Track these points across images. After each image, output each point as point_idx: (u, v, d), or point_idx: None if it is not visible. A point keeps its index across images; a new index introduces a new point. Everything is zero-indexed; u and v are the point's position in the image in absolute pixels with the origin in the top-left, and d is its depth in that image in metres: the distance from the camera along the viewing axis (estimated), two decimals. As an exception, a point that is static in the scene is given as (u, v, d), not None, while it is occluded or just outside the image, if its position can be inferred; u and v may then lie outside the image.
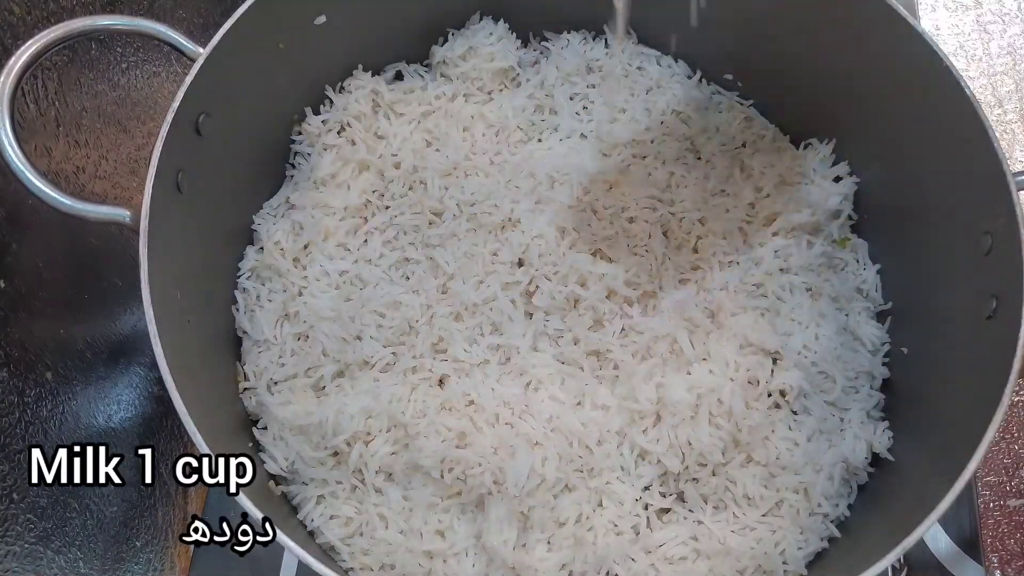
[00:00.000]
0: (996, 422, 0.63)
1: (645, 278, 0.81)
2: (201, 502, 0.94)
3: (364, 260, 0.86)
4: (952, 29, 1.21)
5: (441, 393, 0.78)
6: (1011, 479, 0.93)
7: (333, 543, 0.76)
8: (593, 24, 0.98)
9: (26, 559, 0.67)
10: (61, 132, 0.75)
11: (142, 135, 0.89)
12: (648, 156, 0.91)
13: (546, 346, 0.81)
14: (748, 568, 0.74)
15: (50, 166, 0.73)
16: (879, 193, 0.89)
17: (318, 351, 0.81)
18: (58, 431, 0.72)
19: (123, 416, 0.83)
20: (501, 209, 0.84)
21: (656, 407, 0.77)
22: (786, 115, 0.95)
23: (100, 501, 0.78)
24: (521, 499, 0.73)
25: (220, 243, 0.85)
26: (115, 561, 0.80)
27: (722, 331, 0.81)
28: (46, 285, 0.72)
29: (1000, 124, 1.14)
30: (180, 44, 0.73)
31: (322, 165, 0.89)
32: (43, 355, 0.71)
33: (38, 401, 0.69)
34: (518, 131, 0.92)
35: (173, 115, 0.71)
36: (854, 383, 0.83)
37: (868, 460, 0.80)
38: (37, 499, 0.69)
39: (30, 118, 0.71)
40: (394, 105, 0.93)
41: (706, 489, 0.77)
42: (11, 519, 0.65)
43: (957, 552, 0.89)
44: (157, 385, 0.89)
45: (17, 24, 0.68)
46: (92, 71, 0.80)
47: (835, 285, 0.87)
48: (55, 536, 0.71)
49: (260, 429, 0.81)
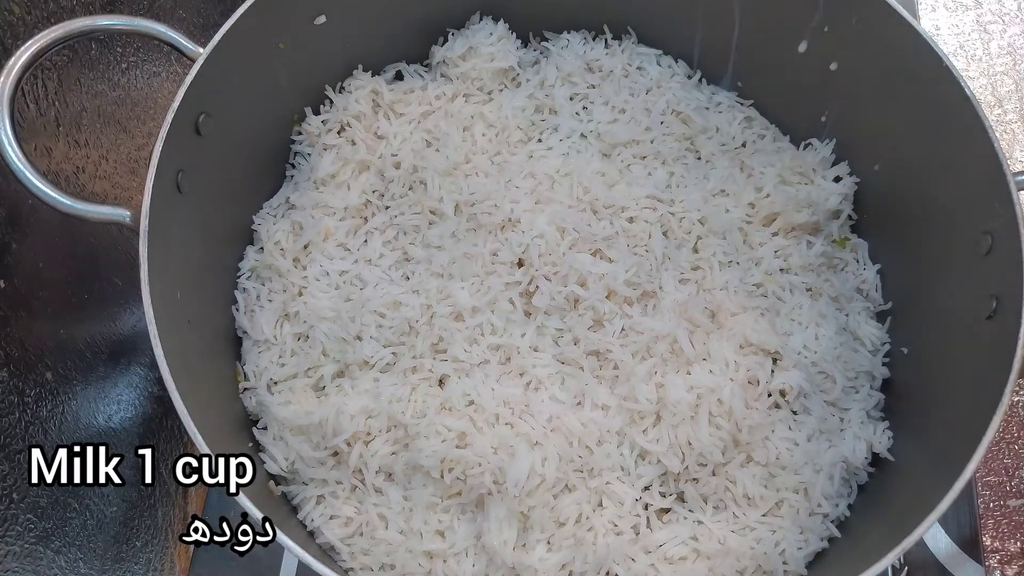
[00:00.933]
0: (996, 422, 0.63)
1: (645, 278, 0.81)
2: (201, 502, 0.94)
3: (364, 260, 0.86)
4: (952, 29, 1.21)
5: (441, 393, 0.78)
6: (1011, 479, 0.93)
7: (333, 543, 0.76)
8: (593, 24, 0.98)
9: (26, 559, 0.67)
10: (61, 132, 0.75)
11: (142, 135, 0.90)
12: (648, 156, 0.91)
13: (546, 346, 0.81)
14: (748, 568, 0.74)
15: (50, 166, 0.73)
16: (879, 193, 0.89)
17: (318, 351, 0.81)
18: (58, 431, 0.72)
19: (123, 416, 0.83)
20: (501, 209, 0.84)
21: (656, 407, 0.77)
22: (786, 115, 0.95)
23: (100, 501, 0.78)
24: (521, 499, 0.73)
25: (220, 243, 0.85)
26: (115, 561, 0.80)
27: (722, 331, 0.81)
28: (46, 285, 0.72)
29: (1000, 124, 1.14)
30: (180, 44, 0.73)
31: (322, 165, 0.89)
32: (43, 355, 0.71)
33: (38, 401, 0.69)
34: (518, 131, 0.92)
35: (173, 115, 0.71)
36: (854, 383, 0.83)
37: (868, 460, 0.80)
38: (37, 499, 0.69)
39: (30, 118, 0.71)
40: (394, 105, 0.93)
41: (706, 489, 0.77)
42: (11, 519, 0.65)
43: (957, 552, 0.89)
44: (157, 385, 0.89)
45: (17, 24, 0.68)
46: (92, 71, 0.80)
47: (835, 285, 0.87)
48: (55, 536, 0.71)
49: (260, 429, 0.81)
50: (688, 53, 0.97)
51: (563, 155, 0.90)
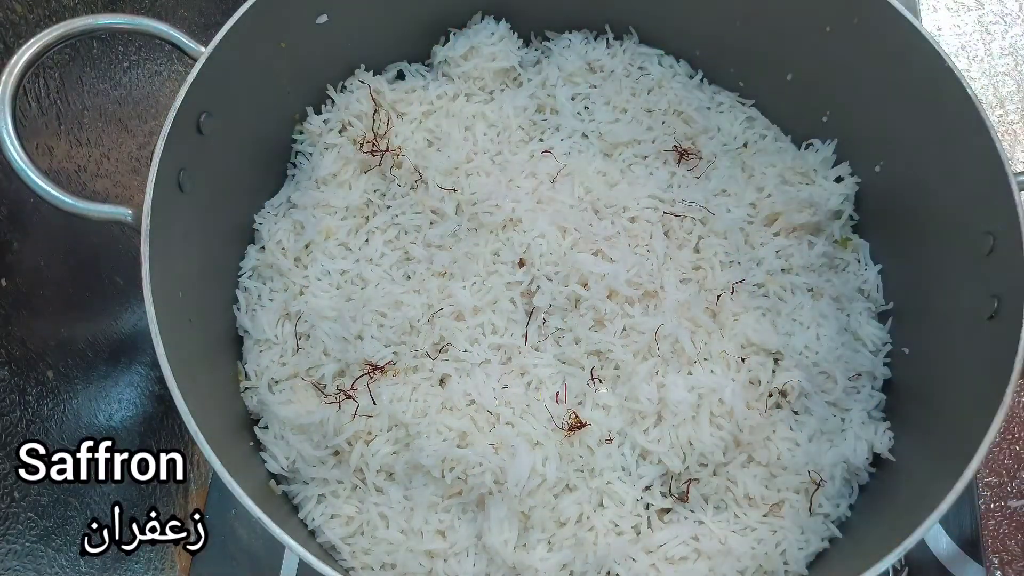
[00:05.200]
0: (997, 423, 0.63)
1: (646, 278, 0.81)
2: (202, 500, 0.94)
3: (365, 260, 0.86)
4: (954, 29, 1.21)
5: (442, 393, 0.78)
6: (1012, 480, 0.93)
7: (334, 542, 0.76)
8: (595, 24, 0.98)
9: (27, 557, 0.67)
10: (63, 131, 0.75)
11: (143, 134, 0.90)
12: (649, 156, 0.91)
13: (547, 346, 0.81)
14: (749, 568, 0.74)
15: (52, 165, 0.73)
16: (880, 193, 0.89)
17: (319, 350, 0.81)
18: (59, 430, 0.72)
19: (124, 415, 0.83)
20: (502, 209, 0.84)
21: (657, 407, 0.77)
22: (787, 115, 0.95)
23: (101, 500, 0.78)
24: (522, 499, 0.73)
25: (221, 242, 0.85)
26: (115, 560, 0.80)
27: (723, 331, 0.81)
28: (47, 284, 0.72)
29: (1002, 124, 1.14)
30: (182, 43, 0.73)
31: (323, 164, 0.89)
32: (44, 354, 0.71)
33: (39, 400, 0.69)
34: (519, 131, 0.92)
35: (175, 114, 0.71)
36: (855, 383, 0.83)
37: (869, 460, 0.80)
38: (38, 498, 0.69)
39: (32, 117, 0.71)
40: (395, 104, 0.93)
41: (707, 489, 0.77)
42: (12, 518, 0.65)
43: (958, 552, 0.89)
44: (158, 384, 0.89)
45: (19, 23, 0.68)
46: (94, 70, 0.80)
47: (836, 285, 0.86)
48: (56, 534, 0.71)
49: (261, 428, 0.81)
50: (690, 53, 0.97)
51: (564, 155, 0.90)
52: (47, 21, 0.71)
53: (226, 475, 0.64)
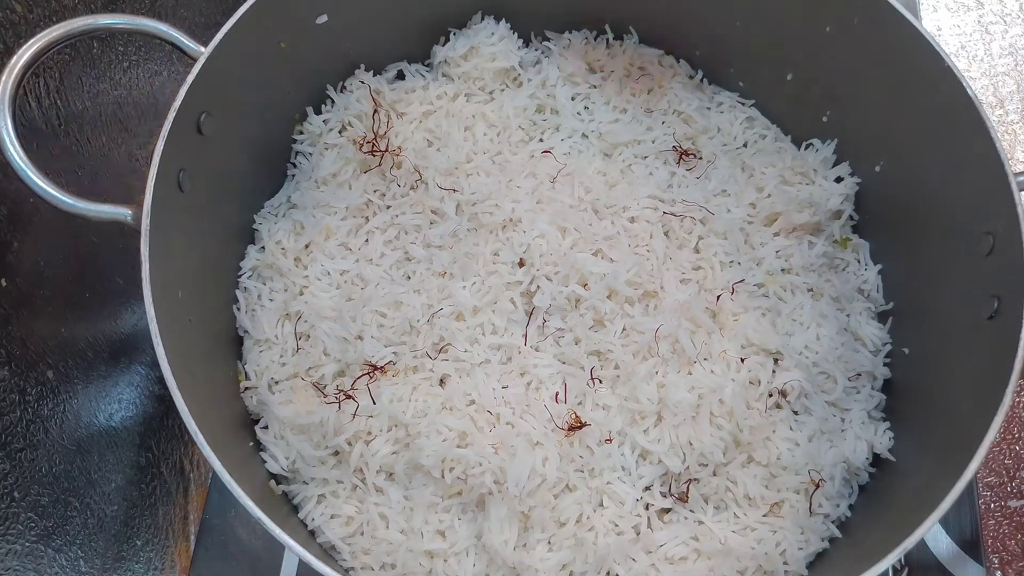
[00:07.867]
0: (997, 423, 0.63)
1: (646, 278, 0.81)
2: (202, 501, 0.94)
3: (365, 260, 0.86)
4: (954, 30, 1.21)
5: (442, 393, 0.78)
6: (1012, 480, 0.93)
7: (334, 542, 0.76)
8: (595, 24, 0.98)
9: (27, 557, 0.67)
10: (63, 131, 0.75)
11: (143, 134, 0.90)
12: (649, 156, 0.91)
13: (547, 346, 0.81)
14: (749, 568, 0.74)
15: (52, 165, 0.73)
16: (880, 193, 0.89)
17: (319, 350, 0.81)
18: (59, 430, 0.72)
19: (124, 415, 0.83)
20: (502, 209, 0.84)
21: (657, 407, 0.77)
22: (787, 115, 0.95)
23: (101, 500, 0.78)
24: (522, 499, 0.73)
25: (221, 242, 0.85)
26: (115, 560, 0.80)
27: (723, 331, 0.81)
28: (47, 284, 0.72)
29: (1002, 125, 1.14)
30: (181, 43, 0.73)
31: (323, 164, 0.89)
32: (44, 354, 0.71)
33: (39, 400, 0.69)
34: (519, 131, 0.92)
35: (175, 114, 0.71)
36: (855, 383, 0.83)
37: (869, 460, 0.80)
38: (38, 498, 0.69)
39: (32, 117, 0.71)
40: (395, 104, 0.93)
41: (707, 489, 0.77)
42: (12, 517, 0.65)
43: (958, 553, 0.89)
44: (158, 384, 0.90)
45: (19, 23, 0.68)
46: (94, 70, 0.80)
47: (836, 285, 0.86)
48: (56, 535, 0.71)
49: (261, 428, 0.81)
50: (690, 53, 0.97)
51: (564, 155, 0.90)
52: (47, 21, 0.71)
53: (226, 475, 0.64)
